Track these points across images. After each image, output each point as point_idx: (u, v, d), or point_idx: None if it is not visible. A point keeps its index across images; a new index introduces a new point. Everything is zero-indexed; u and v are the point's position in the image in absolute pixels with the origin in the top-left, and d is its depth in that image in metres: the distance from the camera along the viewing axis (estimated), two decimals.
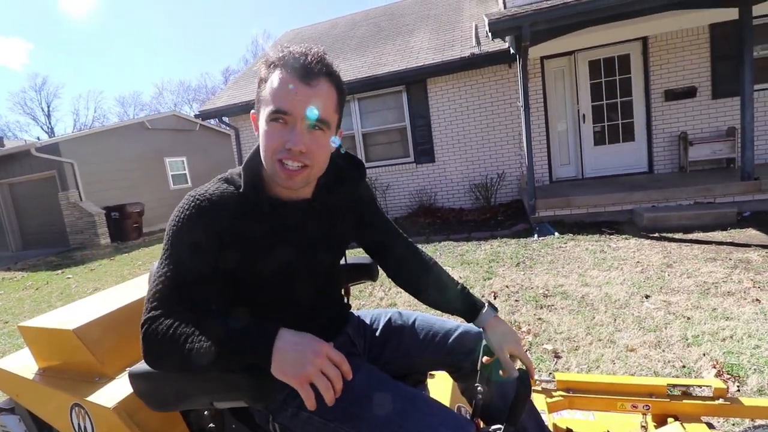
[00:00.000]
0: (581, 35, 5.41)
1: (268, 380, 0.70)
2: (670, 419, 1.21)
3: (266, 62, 0.82)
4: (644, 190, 5.07)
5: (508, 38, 5.61)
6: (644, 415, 1.29)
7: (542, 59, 6.52)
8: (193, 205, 0.80)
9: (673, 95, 6.17)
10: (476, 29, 7.07)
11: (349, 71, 7.46)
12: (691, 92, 6.10)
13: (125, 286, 1.50)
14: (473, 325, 1.01)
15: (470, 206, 7.07)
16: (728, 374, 1.88)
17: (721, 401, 1.20)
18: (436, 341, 1.01)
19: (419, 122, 7.19)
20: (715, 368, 1.93)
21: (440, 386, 1.28)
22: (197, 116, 8.90)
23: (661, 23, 5.72)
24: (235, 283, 0.85)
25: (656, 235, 4.27)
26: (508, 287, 3.34)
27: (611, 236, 4.40)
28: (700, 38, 6.02)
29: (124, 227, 10.15)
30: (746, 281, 2.86)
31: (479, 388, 0.88)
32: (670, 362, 2.04)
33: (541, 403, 1.29)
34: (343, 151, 0.98)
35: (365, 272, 1.25)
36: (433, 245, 5.06)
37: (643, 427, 1.29)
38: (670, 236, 4.16)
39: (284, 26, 57.92)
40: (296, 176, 0.81)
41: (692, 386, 1.31)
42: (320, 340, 0.70)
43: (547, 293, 3.11)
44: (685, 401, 1.23)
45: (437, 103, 7.07)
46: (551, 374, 1.54)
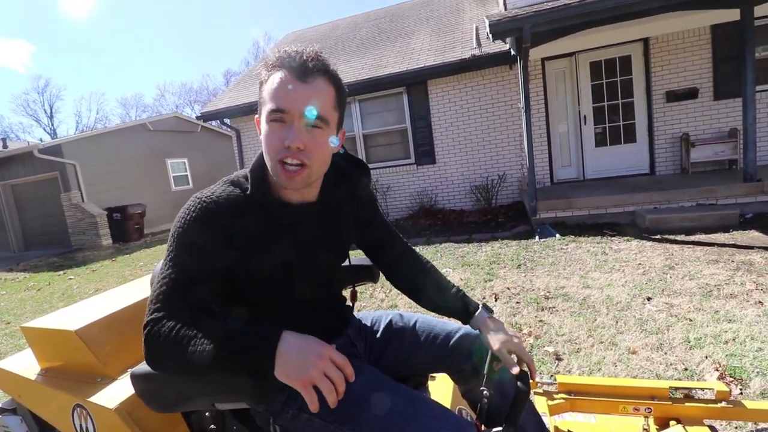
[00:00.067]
0: (582, 36, 5.40)
1: (269, 382, 0.70)
2: (672, 422, 1.21)
3: (265, 65, 0.82)
4: (646, 191, 5.06)
5: (508, 40, 5.62)
6: (646, 418, 1.28)
7: (543, 60, 6.52)
8: (199, 207, 0.80)
9: (674, 96, 6.16)
10: (477, 31, 7.08)
11: (349, 73, 7.47)
12: (692, 93, 6.09)
13: (127, 287, 1.50)
14: (470, 327, 1.01)
15: (471, 208, 7.07)
16: (731, 377, 1.87)
17: (723, 404, 1.20)
18: (437, 343, 1.01)
19: (420, 124, 7.19)
20: (717, 371, 1.92)
21: (441, 388, 1.27)
22: (199, 118, 8.93)
23: (662, 24, 5.72)
24: (237, 284, 0.85)
25: (658, 236, 4.26)
26: (509, 289, 3.33)
27: (613, 238, 4.39)
28: (701, 39, 6.02)
29: (125, 228, 10.18)
30: (749, 283, 2.85)
31: (485, 392, 0.87)
32: (672, 365, 2.03)
33: (542, 405, 1.29)
34: (342, 151, 0.99)
35: (367, 274, 1.25)
36: (433, 247, 5.05)
37: (645, 430, 1.29)
38: (672, 238, 4.15)
39: (285, 28, 58.39)
40: (295, 176, 0.81)
41: (695, 389, 1.30)
42: (323, 342, 0.70)
43: (548, 295, 3.10)
44: (687, 404, 1.22)
45: (438, 104, 7.08)
46: (552, 377, 1.54)
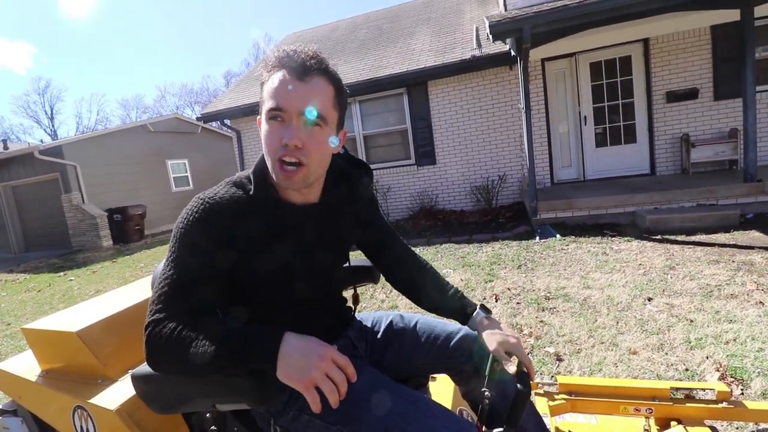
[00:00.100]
0: (582, 37, 5.41)
1: (269, 383, 0.70)
2: (673, 423, 1.21)
3: (265, 65, 0.83)
4: (646, 191, 5.05)
5: (508, 40, 5.62)
6: (647, 418, 1.28)
7: (543, 61, 6.52)
8: (201, 208, 0.80)
9: (674, 97, 6.16)
10: (477, 31, 7.09)
11: (350, 74, 7.47)
12: (692, 94, 6.09)
13: (127, 288, 1.50)
14: (468, 328, 1.01)
15: (471, 208, 7.07)
16: (732, 377, 1.87)
17: (724, 405, 1.20)
18: (437, 344, 1.01)
19: (420, 124, 7.20)
20: (718, 371, 1.92)
21: (442, 389, 1.27)
22: (199, 119, 8.94)
23: (662, 25, 5.72)
24: (238, 283, 0.85)
25: (658, 237, 4.26)
26: (509, 290, 3.33)
27: (613, 238, 4.39)
28: (701, 40, 6.02)
29: (126, 229, 10.19)
30: (749, 283, 2.85)
31: (486, 393, 0.87)
32: (673, 365, 2.03)
33: (543, 406, 1.29)
34: (342, 151, 0.99)
35: (367, 275, 1.25)
36: (434, 247, 5.05)
37: (646, 430, 1.29)
38: (672, 238, 4.15)
39: (285, 29, 58.32)
40: (293, 176, 0.81)
41: (695, 389, 1.30)
42: (325, 343, 0.70)
43: (548, 296, 3.10)
44: (688, 404, 1.22)
45: (438, 105, 7.08)
46: (553, 377, 1.54)
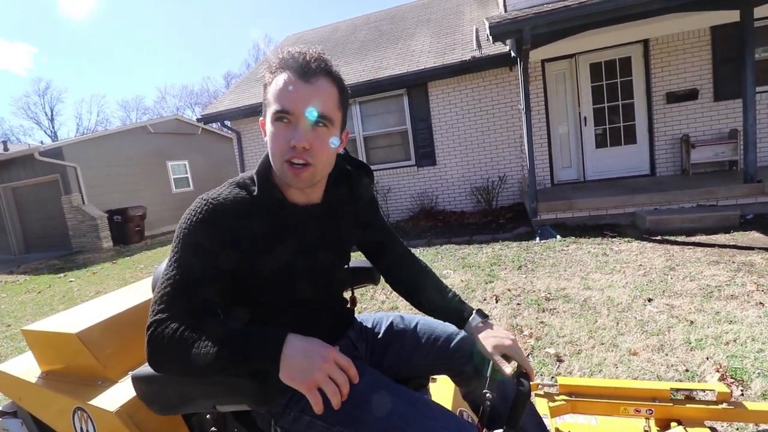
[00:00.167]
0: (582, 38, 5.41)
1: (270, 384, 0.70)
2: (673, 424, 1.21)
3: (269, 67, 0.83)
4: (646, 192, 5.06)
5: (508, 41, 5.63)
6: (647, 419, 1.28)
7: (543, 62, 6.53)
8: (205, 209, 0.80)
9: (674, 97, 6.17)
10: (477, 32, 7.10)
11: (350, 75, 7.48)
12: (692, 94, 6.10)
13: (128, 289, 1.50)
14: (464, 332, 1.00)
15: (472, 209, 7.07)
16: (732, 378, 1.87)
17: (724, 406, 1.19)
18: (438, 345, 1.01)
19: (420, 125, 7.20)
20: (718, 372, 1.92)
21: (442, 390, 1.27)
22: (199, 120, 8.93)
23: (662, 26, 5.73)
24: (240, 284, 0.85)
25: (658, 237, 4.26)
26: (510, 290, 3.33)
27: (613, 239, 4.39)
28: (701, 40, 6.03)
29: (126, 231, 10.19)
30: (750, 284, 2.85)
31: (487, 394, 0.87)
32: (673, 366, 2.03)
33: (543, 407, 1.29)
34: (344, 152, 0.99)
35: (367, 276, 1.25)
36: (434, 248, 5.05)
37: (646, 431, 1.29)
38: (672, 239, 4.15)
39: (285, 29, 58.26)
40: (301, 173, 0.81)
41: (696, 390, 1.30)
42: (327, 345, 0.70)
43: (549, 296, 3.10)
44: (688, 405, 1.22)
45: (438, 106, 7.09)
46: (554, 378, 1.54)
